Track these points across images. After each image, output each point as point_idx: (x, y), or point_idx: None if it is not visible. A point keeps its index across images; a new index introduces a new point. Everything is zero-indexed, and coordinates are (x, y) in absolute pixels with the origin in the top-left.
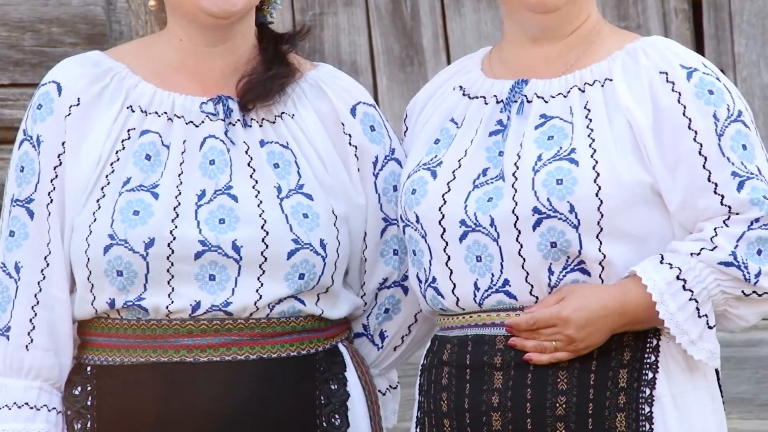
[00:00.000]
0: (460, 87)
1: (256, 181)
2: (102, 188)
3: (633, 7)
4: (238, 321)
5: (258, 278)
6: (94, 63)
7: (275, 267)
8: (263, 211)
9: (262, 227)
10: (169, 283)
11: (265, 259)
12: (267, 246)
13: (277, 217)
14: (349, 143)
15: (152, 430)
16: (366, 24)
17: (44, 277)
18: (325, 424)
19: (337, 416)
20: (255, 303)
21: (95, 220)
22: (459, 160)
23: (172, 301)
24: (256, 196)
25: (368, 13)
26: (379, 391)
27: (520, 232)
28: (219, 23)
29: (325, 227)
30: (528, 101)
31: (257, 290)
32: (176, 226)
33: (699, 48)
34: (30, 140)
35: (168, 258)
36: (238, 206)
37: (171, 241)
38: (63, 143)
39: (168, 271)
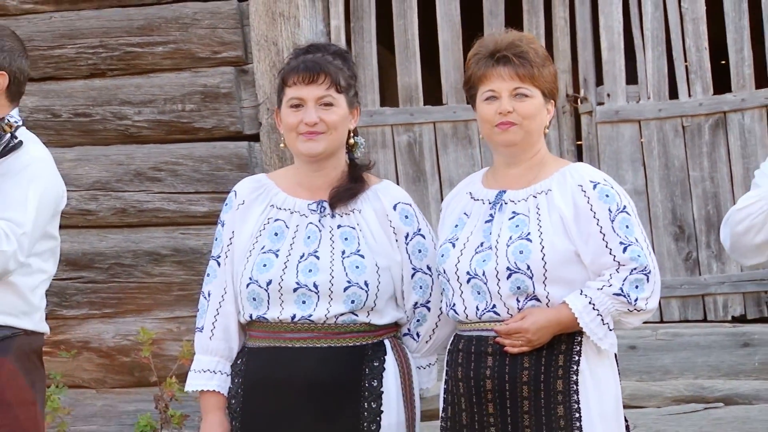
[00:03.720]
0: (470, 192)
1: (333, 248)
2: (250, 251)
3: None
4: (318, 325)
5: (328, 302)
6: (257, 180)
7: (337, 296)
8: (333, 265)
9: (330, 274)
10: (280, 305)
11: (332, 292)
12: (333, 284)
13: (339, 268)
14: (390, 225)
15: (271, 384)
16: (393, 159)
17: (223, 299)
18: (366, 384)
19: (374, 381)
20: (325, 315)
21: (245, 269)
22: (468, 237)
23: (282, 314)
24: (331, 256)
25: (395, 152)
26: (422, 366)
27: (499, 280)
28: (311, 160)
29: (369, 274)
30: (505, 203)
31: (327, 309)
32: (284, 273)
33: None
34: (221, 223)
35: (278, 291)
36: (319, 262)
37: (280, 282)
38: (234, 225)
39: (279, 298)
